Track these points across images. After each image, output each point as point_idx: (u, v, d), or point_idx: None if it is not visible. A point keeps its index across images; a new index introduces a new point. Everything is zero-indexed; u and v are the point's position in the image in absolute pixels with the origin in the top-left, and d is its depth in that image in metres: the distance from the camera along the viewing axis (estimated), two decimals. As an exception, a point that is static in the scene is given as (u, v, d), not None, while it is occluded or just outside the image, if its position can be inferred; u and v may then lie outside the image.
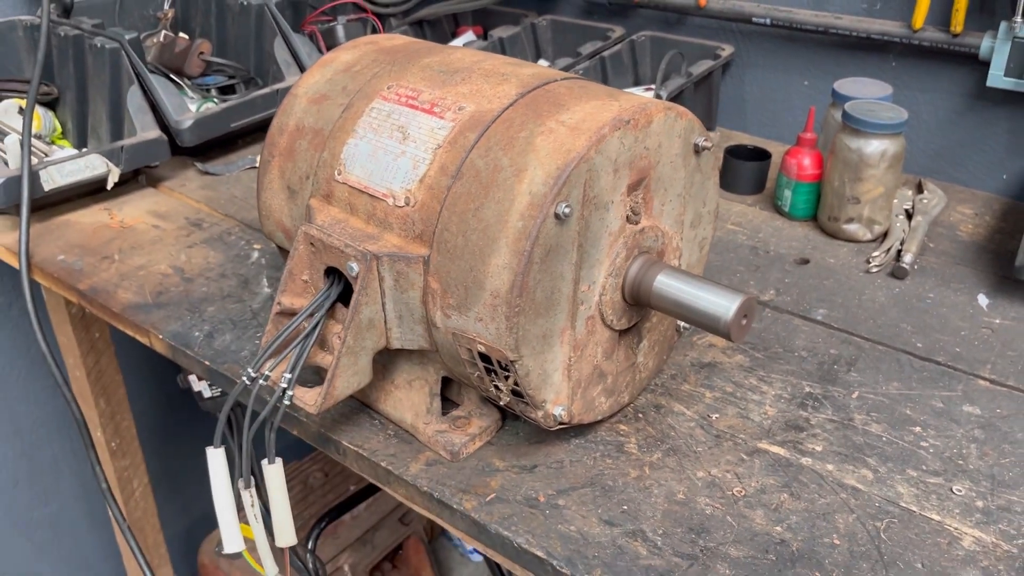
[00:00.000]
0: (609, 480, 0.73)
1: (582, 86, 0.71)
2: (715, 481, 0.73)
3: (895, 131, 1.00)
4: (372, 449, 0.77)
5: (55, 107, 1.29)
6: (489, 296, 0.64)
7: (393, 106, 0.73)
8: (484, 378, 0.69)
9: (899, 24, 1.18)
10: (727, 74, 1.38)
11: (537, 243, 0.62)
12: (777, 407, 0.81)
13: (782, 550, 0.66)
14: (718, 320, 0.66)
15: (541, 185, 0.63)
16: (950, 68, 1.18)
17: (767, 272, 1.02)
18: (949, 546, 0.66)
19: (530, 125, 0.66)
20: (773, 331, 0.91)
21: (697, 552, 0.66)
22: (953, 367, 0.85)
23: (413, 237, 0.69)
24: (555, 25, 1.49)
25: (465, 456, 0.75)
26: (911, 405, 0.81)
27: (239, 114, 1.26)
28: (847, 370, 0.85)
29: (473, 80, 0.72)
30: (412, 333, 0.71)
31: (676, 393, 0.83)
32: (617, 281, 0.70)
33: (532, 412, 0.70)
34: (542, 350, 0.67)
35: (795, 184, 1.10)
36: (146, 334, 0.93)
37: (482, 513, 0.70)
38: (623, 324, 0.73)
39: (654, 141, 0.69)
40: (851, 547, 0.66)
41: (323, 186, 0.75)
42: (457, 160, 0.67)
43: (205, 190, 1.21)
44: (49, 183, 1.07)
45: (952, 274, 1.01)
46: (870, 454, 0.75)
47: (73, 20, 1.27)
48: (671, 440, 0.77)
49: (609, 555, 0.66)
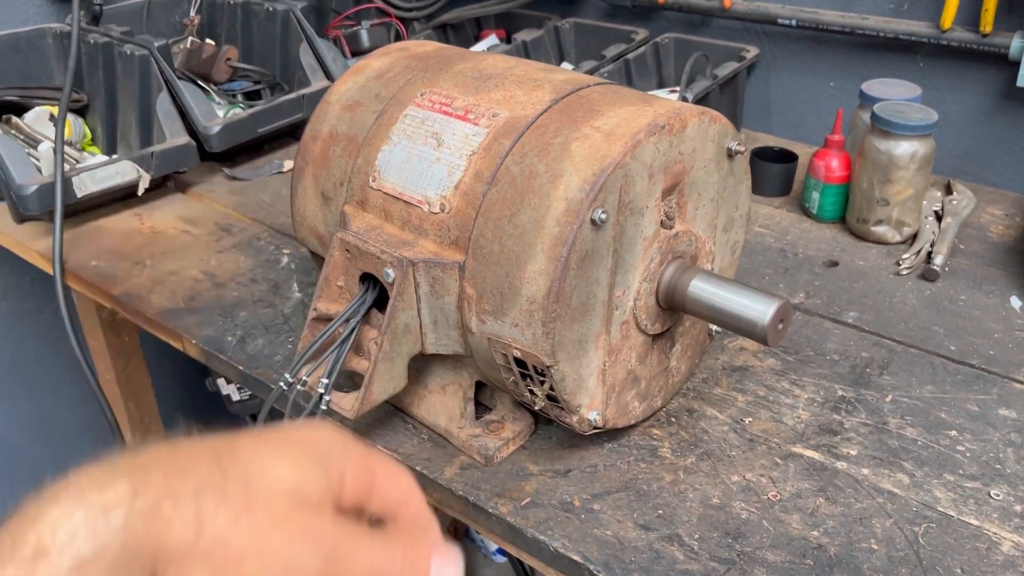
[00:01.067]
0: (644, 484, 0.73)
1: (615, 91, 0.71)
2: (750, 485, 0.72)
3: (925, 132, 1.00)
4: (406, 453, 0.77)
5: (84, 114, 1.31)
6: (525, 302, 0.64)
7: (427, 113, 0.73)
8: (519, 383, 0.69)
9: (927, 24, 1.17)
10: (752, 76, 1.38)
11: (573, 249, 0.63)
12: (810, 411, 0.80)
13: (820, 555, 0.66)
14: (755, 324, 0.66)
15: (577, 191, 0.63)
16: (979, 68, 1.17)
17: (796, 275, 1.02)
18: (988, 551, 0.66)
19: (565, 131, 0.66)
20: (804, 334, 0.91)
21: (734, 557, 0.66)
22: (987, 370, 0.85)
23: (448, 243, 0.69)
24: (578, 28, 1.49)
25: (499, 460, 0.75)
26: (946, 408, 0.80)
27: (266, 119, 1.27)
28: (880, 373, 0.85)
29: (506, 86, 0.73)
30: (447, 338, 0.72)
31: (708, 397, 0.83)
32: (651, 286, 0.70)
33: (567, 417, 0.70)
34: (577, 355, 0.67)
35: (823, 186, 1.10)
36: (179, 339, 0.94)
37: (518, 517, 0.70)
38: (657, 329, 0.73)
39: (688, 146, 0.69)
40: (889, 552, 0.66)
41: (357, 193, 0.76)
42: (492, 166, 0.68)
43: (233, 195, 1.22)
44: (82, 189, 1.08)
45: (984, 276, 1.00)
46: (905, 458, 0.75)
47: (102, 28, 1.28)
48: (704, 444, 0.77)
49: (646, 560, 0.66)
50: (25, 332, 1.49)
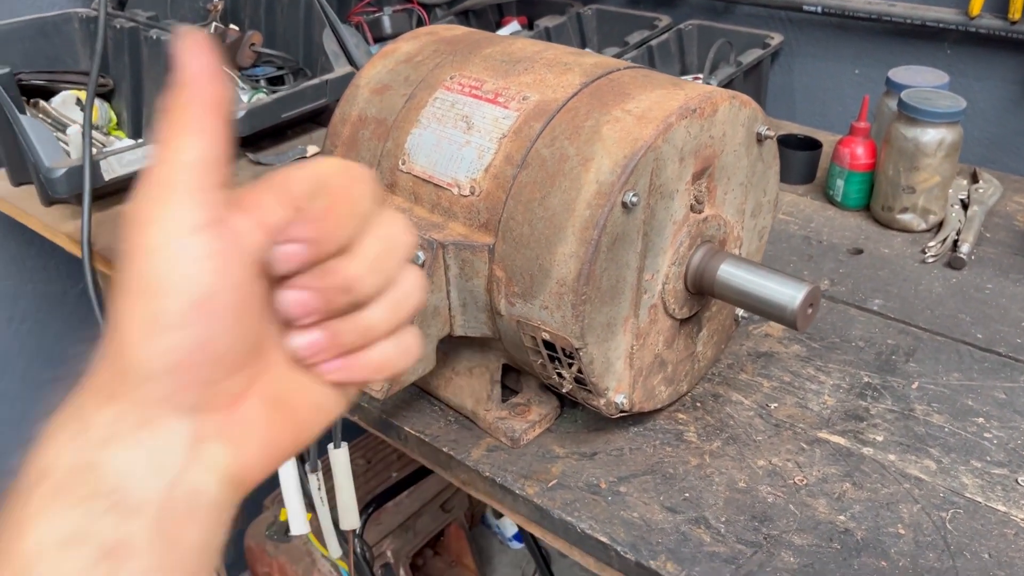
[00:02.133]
0: (670, 468, 0.73)
1: (645, 75, 0.71)
2: (776, 470, 0.73)
3: (953, 120, 0.99)
4: (433, 435, 0.78)
5: (110, 98, 1.32)
6: (555, 284, 0.65)
7: (457, 96, 0.74)
8: (547, 366, 0.70)
9: (955, 11, 1.16)
10: (776, 63, 1.37)
11: (604, 231, 0.63)
12: (836, 397, 0.80)
13: (847, 539, 0.66)
14: (784, 309, 0.66)
15: (608, 174, 0.63)
16: (1007, 56, 1.16)
17: (821, 262, 1.01)
18: (1016, 537, 0.66)
19: (595, 114, 0.67)
20: (829, 321, 0.91)
21: (761, 540, 0.66)
22: (1015, 358, 0.85)
23: (478, 226, 0.69)
24: (600, 14, 1.48)
25: (525, 443, 0.76)
26: (972, 396, 0.80)
27: (289, 105, 1.27)
28: (906, 360, 0.85)
29: (536, 70, 0.73)
30: (475, 321, 0.72)
31: (734, 382, 0.83)
32: (680, 270, 0.70)
33: (594, 400, 0.71)
34: (606, 338, 0.67)
35: (848, 173, 1.09)
36: (207, 321, 0.95)
37: (544, 499, 0.70)
38: (684, 313, 0.73)
39: (719, 130, 0.69)
40: (916, 537, 0.66)
41: (387, 176, 0.76)
42: (522, 149, 0.68)
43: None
44: (109, 173, 1.09)
45: (1010, 264, 1.00)
46: (932, 444, 0.75)
47: (128, 12, 1.29)
48: (730, 429, 0.77)
49: (673, 541, 0.66)
50: (50, 315, 1.51)
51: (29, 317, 1.48)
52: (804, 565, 0.64)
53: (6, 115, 1.09)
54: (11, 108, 1.08)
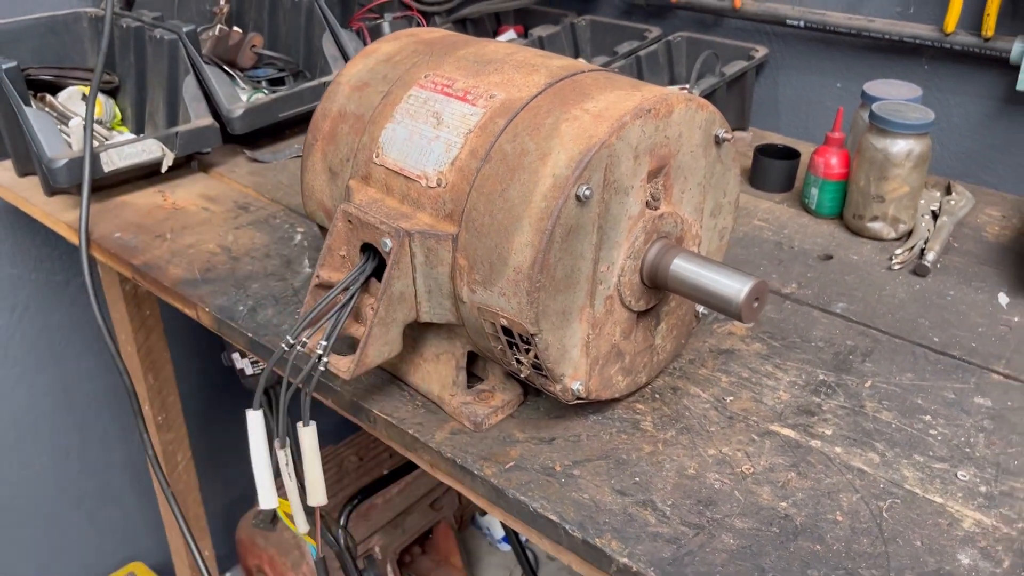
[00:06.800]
0: (623, 454, 0.76)
1: (608, 77, 0.75)
2: (725, 459, 0.76)
3: (921, 131, 1.02)
4: (401, 418, 0.81)
5: (116, 95, 1.37)
6: (512, 272, 0.68)
7: (429, 93, 0.77)
8: (506, 351, 0.73)
9: (931, 28, 1.19)
10: (761, 75, 1.41)
11: (558, 223, 0.66)
12: (791, 393, 0.83)
13: (786, 524, 0.69)
14: (730, 301, 0.69)
15: (564, 168, 0.67)
16: (981, 72, 1.19)
17: (790, 266, 1.04)
18: (949, 527, 0.69)
19: (556, 112, 0.70)
20: (792, 322, 0.94)
21: (704, 522, 0.69)
22: (967, 361, 0.87)
23: (443, 216, 0.73)
24: (594, 25, 1.52)
25: (488, 427, 0.79)
26: (923, 395, 0.83)
27: (287, 105, 1.31)
28: (862, 360, 0.88)
29: (505, 70, 0.76)
30: (440, 307, 0.76)
31: (693, 376, 0.86)
32: (635, 263, 0.74)
33: (551, 386, 0.74)
34: (561, 325, 0.71)
35: (822, 182, 1.12)
36: (193, 307, 0.99)
37: (501, 479, 0.74)
38: (641, 306, 0.76)
39: (675, 130, 0.72)
40: (853, 524, 0.69)
41: (362, 168, 0.80)
42: (487, 144, 0.71)
43: (253, 176, 1.27)
44: (109, 165, 1.13)
45: (974, 273, 1.02)
46: (878, 439, 0.77)
47: (135, 12, 1.34)
48: (685, 420, 0.80)
49: (619, 522, 0.69)
50: (54, 303, 1.56)
51: (32, 305, 1.53)
52: (742, 547, 0.67)
53: (12, 107, 1.14)
54: (17, 101, 1.13)
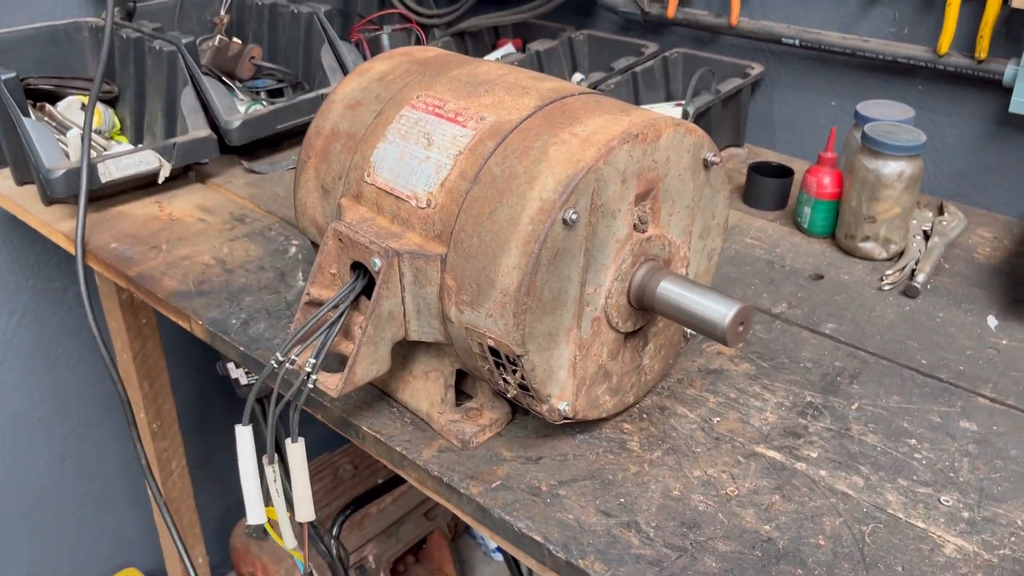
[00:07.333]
0: (609, 474, 0.77)
1: (596, 101, 0.75)
2: (711, 480, 0.76)
3: (913, 153, 1.03)
4: (389, 435, 0.82)
5: (115, 104, 1.37)
6: (499, 294, 0.69)
7: (421, 114, 0.78)
8: (494, 371, 0.74)
9: (925, 49, 1.20)
10: (757, 92, 1.41)
11: (545, 246, 0.67)
12: (777, 414, 0.84)
13: (768, 547, 0.69)
14: (715, 325, 0.70)
15: (551, 192, 0.67)
16: (974, 93, 1.20)
17: (781, 286, 1.05)
18: (931, 552, 0.69)
19: (544, 136, 0.71)
20: (781, 342, 0.94)
21: (687, 545, 0.70)
22: (955, 384, 0.88)
23: (433, 236, 0.73)
24: (592, 40, 1.53)
25: (475, 445, 0.80)
26: (909, 418, 0.83)
27: (285, 117, 1.32)
28: (849, 382, 0.88)
29: (496, 92, 0.77)
30: (429, 327, 0.76)
31: (681, 396, 0.86)
32: (623, 285, 0.74)
33: (538, 405, 0.75)
34: (548, 347, 0.71)
35: (814, 201, 1.13)
36: (187, 319, 0.99)
37: (487, 498, 0.74)
38: (628, 327, 0.77)
39: (663, 155, 0.73)
40: (835, 548, 0.69)
41: (353, 186, 0.80)
42: (476, 166, 0.72)
43: (250, 187, 1.28)
44: (106, 175, 1.14)
45: (964, 295, 1.03)
46: (863, 462, 0.78)
47: (135, 23, 1.35)
48: (672, 440, 0.81)
49: (603, 543, 0.70)
50: (51, 310, 1.56)
51: (29, 312, 1.54)
52: (724, 570, 0.68)
53: (11, 118, 1.14)
54: (16, 111, 1.13)
